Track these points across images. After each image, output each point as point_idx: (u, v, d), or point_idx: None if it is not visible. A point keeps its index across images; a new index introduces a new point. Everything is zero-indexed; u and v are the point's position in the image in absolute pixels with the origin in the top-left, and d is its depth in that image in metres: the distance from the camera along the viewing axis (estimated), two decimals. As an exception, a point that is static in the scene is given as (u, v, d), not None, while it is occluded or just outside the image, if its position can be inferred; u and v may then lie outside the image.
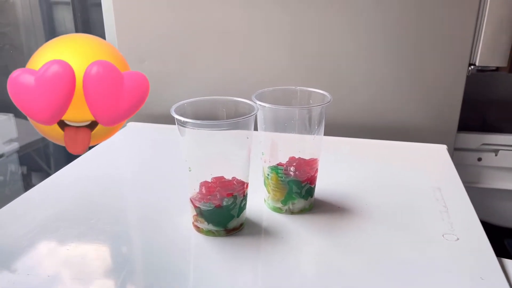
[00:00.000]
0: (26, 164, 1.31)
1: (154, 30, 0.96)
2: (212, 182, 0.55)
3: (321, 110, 0.59)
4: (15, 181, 1.28)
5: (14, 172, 1.25)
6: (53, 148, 1.39)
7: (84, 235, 0.58)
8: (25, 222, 0.60)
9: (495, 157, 0.98)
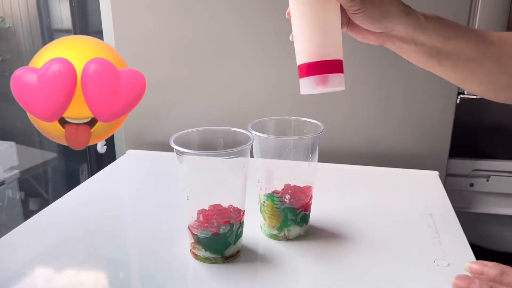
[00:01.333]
0: (24, 189, 1.32)
1: (154, 62, 0.99)
2: (210, 210, 0.56)
3: (314, 139, 0.61)
4: (12, 207, 1.28)
5: (12, 198, 1.26)
6: (51, 174, 1.41)
7: (84, 262, 0.59)
8: (25, 250, 0.61)
9: (486, 182, 1.00)
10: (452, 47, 0.52)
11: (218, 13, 0.94)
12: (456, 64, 0.53)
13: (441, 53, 0.52)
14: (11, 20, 1.35)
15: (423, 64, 0.55)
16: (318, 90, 0.50)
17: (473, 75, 0.55)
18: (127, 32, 0.99)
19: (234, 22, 0.94)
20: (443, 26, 0.52)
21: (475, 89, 0.57)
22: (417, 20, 0.50)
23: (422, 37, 0.51)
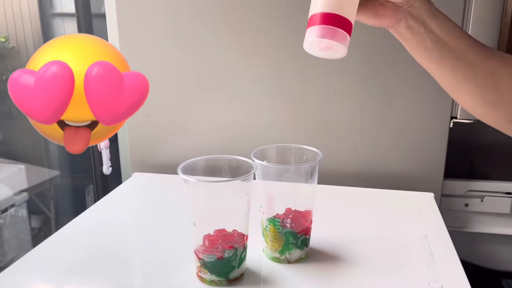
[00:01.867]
0: (25, 207, 1.33)
1: (160, 88, 1.03)
2: (215, 235, 0.59)
3: (313, 166, 0.65)
4: (14, 224, 1.30)
5: (14, 215, 1.28)
6: (53, 192, 1.43)
7: (93, 286, 0.62)
8: (34, 277, 0.64)
9: (481, 202, 1.03)
10: (455, 44, 0.54)
11: (222, 45, 0.98)
12: (455, 64, 0.55)
13: (444, 47, 0.54)
14: (15, 40, 1.37)
15: (425, 56, 0.56)
16: (327, 38, 0.48)
17: (467, 82, 0.56)
18: (133, 56, 1.03)
19: (238, 54, 0.98)
20: (451, 22, 0.55)
21: (466, 100, 0.59)
22: (429, 4, 0.53)
23: (433, 24, 0.54)
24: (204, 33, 0.99)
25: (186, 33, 0.99)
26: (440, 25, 0.54)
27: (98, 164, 1.15)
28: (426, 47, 0.55)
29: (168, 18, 0.99)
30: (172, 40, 1.00)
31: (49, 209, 1.44)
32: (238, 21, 0.97)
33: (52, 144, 1.36)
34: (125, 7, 1.01)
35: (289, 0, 0.94)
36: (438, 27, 0.54)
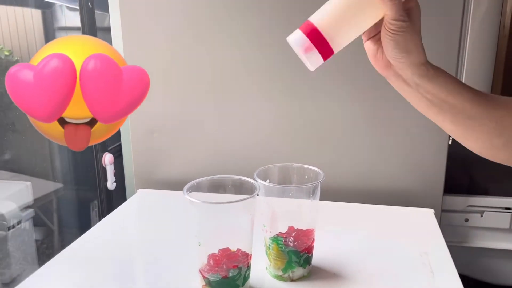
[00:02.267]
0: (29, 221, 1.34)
1: (164, 105, 1.05)
2: (219, 254, 0.61)
3: (315, 185, 0.66)
4: (16, 236, 1.31)
5: (16, 228, 1.29)
6: (56, 204, 1.44)
7: (102, 303, 0.63)
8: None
9: (481, 218, 1.05)
10: (454, 101, 0.54)
11: (227, 64, 1.00)
12: (456, 118, 0.55)
13: (442, 104, 0.54)
14: (19, 54, 1.39)
15: (424, 110, 0.56)
16: (298, 50, 0.51)
17: (471, 132, 0.56)
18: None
19: (243, 76, 1.01)
20: (449, 81, 0.54)
21: (471, 146, 0.59)
22: (426, 70, 0.53)
23: (427, 87, 0.53)
24: (208, 53, 1.01)
25: (190, 51, 1.01)
26: (435, 87, 0.53)
27: (102, 179, 1.17)
28: (421, 103, 0.55)
29: (173, 35, 1.01)
30: (176, 57, 1.02)
31: (52, 222, 1.45)
32: (238, 44, 0.99)
33: (57, 158, 1.38)
34: (129, 21, 1.03)
35: (297, 13, 0.96)
36: (433, 89, 0.53)
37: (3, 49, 1.34)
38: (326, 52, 0.51)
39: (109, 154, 1.13)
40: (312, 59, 0.51)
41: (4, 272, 1.21)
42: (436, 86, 0.53)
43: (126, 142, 1.14)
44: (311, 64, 0.51)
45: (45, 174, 1.35)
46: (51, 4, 1.42)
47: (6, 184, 1.21)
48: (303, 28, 0.51)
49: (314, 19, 0.51)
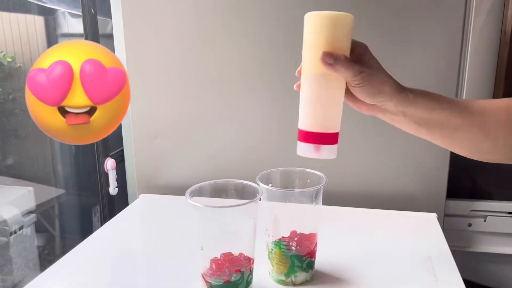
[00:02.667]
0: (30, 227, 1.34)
1: (166, 109, 1.05)
2: (222, 258, 0.61)
3: (317, 189, 0.66)
4: (18, 243, 1.31)
5: (18, 234, 1.29)
6: (58, 210, 1.44)
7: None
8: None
9: (484, 222, 1.04)
10: (438, 117, 0.58)
11: (229, 70, 1.01)
12: (443, 132, 0.59)
13: (428, 123, 0.58)
14: (22, 60, 1.39)
15: (413, 131, 0.61)
16: (312, 155, 0.57)
17: (459, 141, 0.60)
18: (140, 79, 1.05)
19: (245, 79, 1.01)
20: (429, 99, 0.57)
21: (462, 152, 0.63)
22: (406, 97, 0.56)
23: (411, 110, 0.57)
24: (210, 58, 1.01)
25: (192, 56, 1.01)
26: (419, 109, 0.57)
27: (104, 184, 1.17)
28: (410, 126, 0.60)
29: (174, 41, 1.02)
30: (178, 62, 1.02)
31: (53, 228, 1.45)
32: (240, 48, 0.99)
33: (59, 164, 1.38)
34: (131, 27, 1.03)
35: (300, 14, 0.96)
36: (417, 111, 0.57)
37: (6, 55, 1.35)
38: (331, 138, 0.56)
39: (111, 159, 1.14)
40: (327, 151, 0.57)
41: (6, 278, 1.21)
42: (419, 108, 0.57)
43: (128, 147, 1.14)
44: (331, 155, 0.57)
45: (47, 180, 1.35)
46: (54, 10, 1.43)
47: (8, 189, 1.21)
48: (301, 138, 0.57)
49: (302, 125, 0.57)
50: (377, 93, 0.55)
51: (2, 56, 1.34)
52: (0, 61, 1.35)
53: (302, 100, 0.56)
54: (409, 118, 0.58)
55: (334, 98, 0.56)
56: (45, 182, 1.34)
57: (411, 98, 0.56)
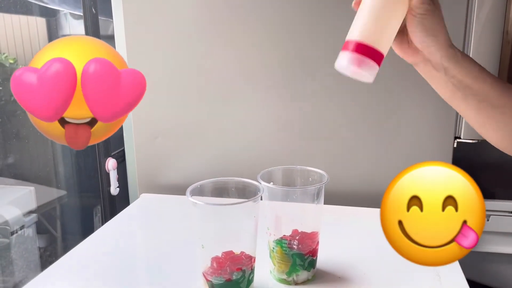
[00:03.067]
0: (32, 228, 1.34)
1: (167, 109, 1.05)
2: (223, 257, 0.60)
3: (319, 188, 0.66)
4: (20, 244, 1.31)
5: (20, 235, 1.29)
6: (60, 211, 1.44)
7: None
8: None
9: (487, 222, 1.04)
10: (479, 87, 0.54)
11: (229, 69, 1.01)
12: (480, 106, 0.55)
13: (467, 89, 0.55)
14: (24, 62, 1.40)
15: (449, 95, 0.57)
16: (351, 69, 0.52)
17: (492, 120, 0.56)
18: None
19: (244, 78, 1.01)
20: (475, 66, 0.55)
21: (492, 135, 0.59)
22: (455, 53, 0.54)
23: (455, 70, 0.54)
24: (211, 58, 1.01)
25: (193, 57, 1.01)
26: (462, 70, 0.54)
27: (106, 185, 1.17)
28: (448, 87, 0.56)
29: (176, 42, 1.01)
30: (180, 63, 1.02)
31: (55, 229, 1.44)
32: (240, 49, 0.99)
33: (61, 164, 1.38)
34: (133, 27, 1.03)
35: (303, 13, 0.96)
36: (460, 73, 0.54)
37: (8, 57, 1.35)
38: (377, 57, 0.52)
39: (113, 160, 1.13)
40: (368, 70, 0.51)
41: (8, 279, 1.21)
42: (463, 70, 0.54)
43: (129, 147, 1.14)
44: (369, 75, 0.52)
45: (48, 180, 1.35)
46: (55, 12, 1.44)
47: (9, 189, 1.21)
48: (347, 47, 0.52)
49: (352, 35, 0.52)
50: (432, 35, 0.52)
51: (4, 57, 1.34)
52: (2, 62, 1.35)
53: (363, 10, 0.53)
54: (450, 77, 0.54)
55: (395, 19, 0.52)
56: (46, 183, 1.34)
57: (459, 57, 0.54)
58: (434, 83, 0.58)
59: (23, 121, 1.38)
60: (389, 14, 0.52)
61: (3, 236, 1.15)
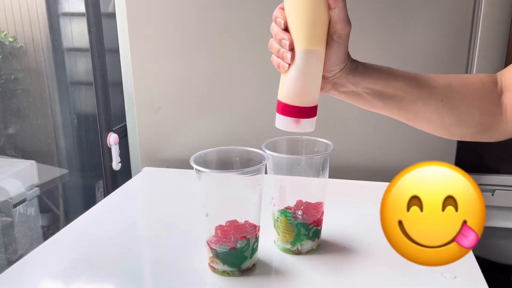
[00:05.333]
0: (34, 205, 1.34)
1: (169, 81, 1.04)
2: (227, 226, 0.60)
3: (325, 157, 0.65)
4: (23, 222, 1.31)
5: (22, 213, 1.29)
6: (62, 190, 1.43)
7: (106, 278, 0.62)
8: (47, 269, 0.65)
9: (492, 196, 1.03)
10: (394, 89, 0.56)
11: (232, 41, 0.99)
12: (401, 105, 0.57)
13: (384, 95, 0.56)
14: (23, 40, 1.38)
15: (370, 107, 0.59)
16: (291, 129, 0.56)
17: (421, 114, 0.58)
18: (143, 53, 1.03)
19: (247, 49, 0.99)
20: (381, 70, 0.56)
21: (426, 128, 0.61)
22: (356, 67, 0.55)
23: (364, 82, 0.55)
24: (215, 29, 0.99)
25: (196, 28, 0.99)
26: (371, 79, 0.55)
27: (107, 160, 1.16)
28: (366, 100, 0.57)
29: (178, 14, 0.99)
30: (182, 37, 1.00)
31: (57, 207, 1.44)
32: (245, 18, 0.97)
33: (62, 141, 1.37)
34: (134, 5, 1.01)
35: None
36: (370, 82, 0.55)
37: (7, 35, 1.33)
38: (312, 112, 0.55)
39: (114, 134, 1.13)
40: (307, 125, 0.55)
41: (11, 257, 1.21)
42: (372, 79, 0.55)
43: (131, 121, 1.13)
44: (310, 128, 0.56)
45: (49, 157, 1.35)
46: (55, -11, 1.41)
47: (10, 162, 1.20)
48: (280, 110, 0.55)
49: (282, 97, 0.55)
50: (345, 55, 0.53)
51: (3, 36, 1.33)
52: (2, 40, 1.33)
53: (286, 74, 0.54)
54: (362, 90, 0.56)
55: (316, 73, 0.54)
56: (47, 160, 1.33)
57: (361, 68, 0.55)
58: (353, 101, 0.59)
59: (23, 100, 1.37)
60: (311, 73, 0.53)
61: (6, 215, 1.15)
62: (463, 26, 0.90)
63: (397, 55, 0.94)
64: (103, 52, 1.23)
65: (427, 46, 0.92)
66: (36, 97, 1.39)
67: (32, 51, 1.39)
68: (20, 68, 1.42)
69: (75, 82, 1.39)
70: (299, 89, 0.53)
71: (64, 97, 1.38)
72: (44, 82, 1.40)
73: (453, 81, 0.58)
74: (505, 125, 0.59)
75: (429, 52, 0.93)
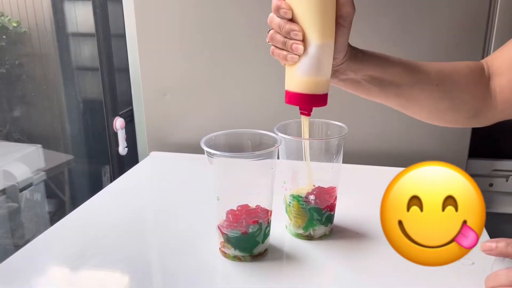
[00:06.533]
0: (40, 191, 1.34)
1: (178, 64, 1.01)
2: (238, 210, 0.58)
3: (338, 141, 0.63)
4: (29, 208, 1.31)
5: (29, 199, 1.28)
6: (68, 176, 1.43)
7: (113, 263, 0.61)
8: (55, 253, 0.64)
9: (506, 182, 1.01)
10: (391, 76, 0.56)
11: (243, 13, 0.96)
12: (399, 91, 0.58)
13: (382, 82, 0.57)
14: (27, 25, 1.36)
15: (367, 94, 0.59)
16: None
17: (415, 101, 0.59)
18: (150, 36, 1.01)
19: (259, 24, 0.96)
20: (379, 56, 0.56)
21: (419, 114, 0.62)
22: (356, 53, 0.55)
23: (363, 68, 0.55)
24: (221, 13, 0.96)
25: (203, 11, 0.97)
26: (370, 66, 0.55)
27: (114, 145, 1.14)
28: (362, 88, 0.58)
29: None
30: (190, 20, 0.98)
31: (63, 193, 1.44)
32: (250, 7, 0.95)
33: (68, 126, 1.36)
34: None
35: None
36: (369, 69, 0.56)
37: (11, 20, 1.32)
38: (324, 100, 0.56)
39: (120, 119, 1.11)
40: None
41: (18, 242, 1.21)
42: (371, 66, 0.56)
43: (138, 105, 1.11)
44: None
45: (55, 143, 1.34)
46: (58, -27, 1.39)
47: (16, 146, 1.19)
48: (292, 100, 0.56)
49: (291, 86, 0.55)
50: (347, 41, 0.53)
51: (7, 21, 1.31)
52: (6, 25, 1.32)
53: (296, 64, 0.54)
54: (361, 77, 0.56)
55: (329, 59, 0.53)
56: (53, 145, 1.32)
57: (360, 55, 0.55)
58: (351, 89, 0.59)
59: (28, 85, 1.36)
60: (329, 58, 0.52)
61: (12, 200, 1.14)
62: (479, 14, 0.88)
63: (412, 45, 0.92)
64: (109, 36, 1.21)
65: (443, 36, 0.90)
66: (41, 82, 1.38)
67: (36, 36, 1.38)
68: (25, 53, 1.41)
69: (80, 67, 1.38)
70: (313, 79, 0.53)
71: (70, 82, 1.37)
72: (49, 67, 1.39)
73: (443, 67, 0.59)
74: (494, 109, 0.61)
75: (446, 41, 0.91)
